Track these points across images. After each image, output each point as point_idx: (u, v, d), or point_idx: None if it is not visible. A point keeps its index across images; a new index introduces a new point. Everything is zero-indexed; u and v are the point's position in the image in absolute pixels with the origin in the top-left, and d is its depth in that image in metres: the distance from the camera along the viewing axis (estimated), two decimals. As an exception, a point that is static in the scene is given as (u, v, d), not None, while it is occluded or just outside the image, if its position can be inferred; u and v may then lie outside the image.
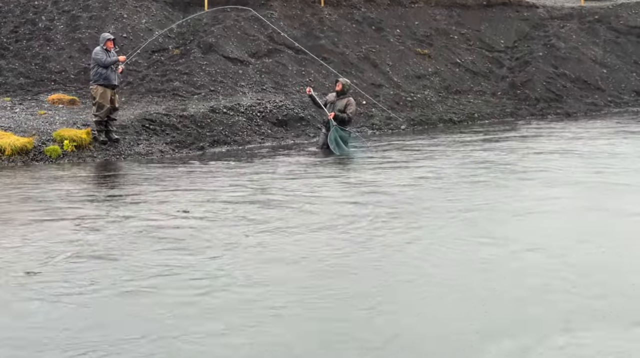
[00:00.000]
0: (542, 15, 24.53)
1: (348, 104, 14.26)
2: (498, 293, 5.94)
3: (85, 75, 16.62)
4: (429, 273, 6.43)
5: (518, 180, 10.83)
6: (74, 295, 5.91)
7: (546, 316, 5.42)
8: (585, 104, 21.12)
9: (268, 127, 16.05)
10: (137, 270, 6.52)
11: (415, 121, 18.33)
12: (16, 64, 17.87)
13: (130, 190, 10.32)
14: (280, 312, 5.54)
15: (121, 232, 7.76)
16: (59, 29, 18.78)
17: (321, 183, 10.65)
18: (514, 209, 8.85)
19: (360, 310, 5.57)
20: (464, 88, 20.90)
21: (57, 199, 9.48)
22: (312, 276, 6.37)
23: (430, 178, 10.97)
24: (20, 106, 15.62)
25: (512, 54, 22.67)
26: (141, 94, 17.06)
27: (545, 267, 6.57)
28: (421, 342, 5.04)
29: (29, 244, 7.32)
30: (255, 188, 10.23)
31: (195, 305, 5.69)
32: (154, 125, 14.70)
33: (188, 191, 10.06)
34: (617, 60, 23.13)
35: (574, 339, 5.03)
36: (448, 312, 5.52)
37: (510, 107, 20.29)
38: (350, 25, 21.30)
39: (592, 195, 9.67)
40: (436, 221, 8.24)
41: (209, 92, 17.18)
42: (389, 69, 20.34)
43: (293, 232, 7.76)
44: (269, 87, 17.85)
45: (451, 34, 22.64)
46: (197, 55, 18.28)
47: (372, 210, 8.79)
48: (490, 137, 16.13)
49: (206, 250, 7.13)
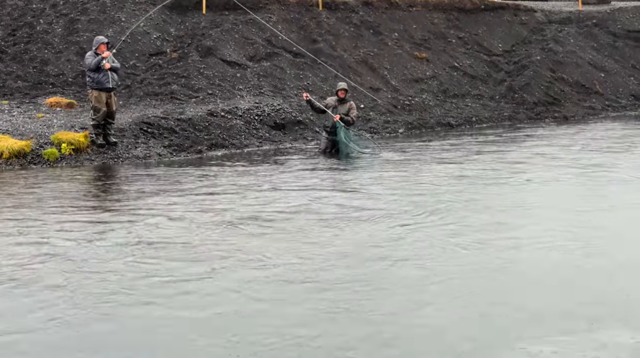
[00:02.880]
0: (540, 19, 24.57)
1: (350, 108, 14.44)
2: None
3: (83, 78, 16.60)
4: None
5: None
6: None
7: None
8: (583, 108, 21.12)
9: (266, 130, 16.04)
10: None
11: (413, 125, 18.32)
12: (14, 67, 17.86)
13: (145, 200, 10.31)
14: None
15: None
16: (57, 32, 18.77)
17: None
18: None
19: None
20: (462, 92, 20.90)
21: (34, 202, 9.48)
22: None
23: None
24: (18, 109, 15.60)
25: (510, 58, 22.68)
26: (139, 97, 17.05)
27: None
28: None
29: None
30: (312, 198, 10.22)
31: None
32: (152, 129, 14.68)
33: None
34: (615, 65, 23.16)
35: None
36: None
37: (508, 111, 20.29)
38: (348, 28, 21.31)
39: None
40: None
41: (207, 95, 17.17)
42: (387, 73, 20.34)
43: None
44: (267, 91, 17.85)
45: (449, 37, 22.66)
46: (195, 59, 18.28)
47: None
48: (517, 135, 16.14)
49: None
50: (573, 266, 6.77)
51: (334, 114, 14.20)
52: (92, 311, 5.70)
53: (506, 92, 21.28)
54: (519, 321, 5.45)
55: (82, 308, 5.73)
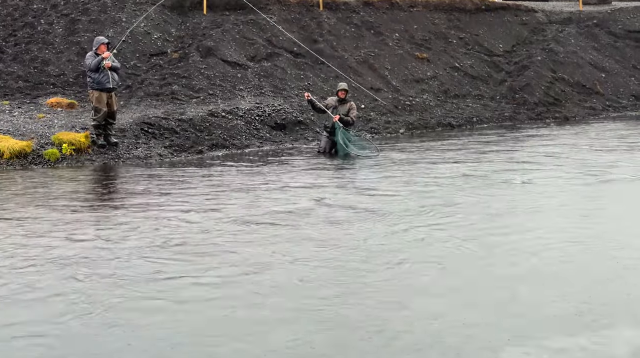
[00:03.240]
0: (541, 20, 24.57)
1: (351, 108, 14.49)
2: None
3: (84, 79, 16.59)
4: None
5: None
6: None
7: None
8: (584, 109, 21.12)
9: (267, 131, 16.03)
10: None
11: (414, 125, 18.32)
12: (15, 67, 17.86)
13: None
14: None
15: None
16: (58, 33, 18.77)
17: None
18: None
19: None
20: (463, 92, 20.90)
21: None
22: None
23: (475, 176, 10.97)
24: (19, 110, 15.60)
25: (510, 59, 22.69)
26: (140, 97, 17.05)
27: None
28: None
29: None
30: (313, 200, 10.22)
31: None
32: (153, 129, 14.68)
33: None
34: (615, 65, 23.16)
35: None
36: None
37: (509, 112, 20.29)
38: (349, 29, 21.31)
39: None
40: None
41: (208, 96, 17.17)
42: (388, 73, 20.34)
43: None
44: (268, 91, 17.85)
45: (450, 38, 22.66)
46: (196, 59, 18.28)
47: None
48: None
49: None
50: (604, 265, 6.84)
51: (334, 115, 14.23)
52: (103, 316, 5.69)
53: (507, 92, 21.28)
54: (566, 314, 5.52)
55: (95, 313, 5.73)
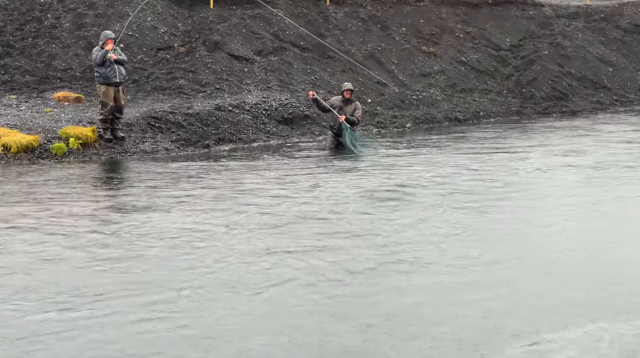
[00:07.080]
0: (548, 13, 24.46)
1: (356, 108, 14.46)
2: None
3: (90, 73, 16.61)
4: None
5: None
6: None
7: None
8: (591, 103, 21.05)
9: (273, 125, 16.03)
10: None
11: (421, 119, 18.30)
12: (22, 61, 17.89)
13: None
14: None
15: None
16: (65, 27, 18.79)
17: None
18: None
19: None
20: (470, 86, 20.85)
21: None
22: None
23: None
24: (26, 104, 15.64)
25: (517, 53, 22.61)
26: (147, 91, 17.06)
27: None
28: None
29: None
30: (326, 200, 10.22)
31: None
32: (160, 123, 14.69)
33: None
34: (623, 59, 23.06)
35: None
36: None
37: (515, 106, 20.24)
38: (355, 23, 21.27)
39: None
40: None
41: (214, 90, 17.17)
42: (395, 67, 20.30)
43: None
44: (275, 85, 17.84)
45: (457, 32, 22.59)
46: (203, 53, 18.28)
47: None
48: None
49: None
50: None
51: (340, 115, 14.19)
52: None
53: (514, 86, 21.22)
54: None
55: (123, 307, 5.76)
